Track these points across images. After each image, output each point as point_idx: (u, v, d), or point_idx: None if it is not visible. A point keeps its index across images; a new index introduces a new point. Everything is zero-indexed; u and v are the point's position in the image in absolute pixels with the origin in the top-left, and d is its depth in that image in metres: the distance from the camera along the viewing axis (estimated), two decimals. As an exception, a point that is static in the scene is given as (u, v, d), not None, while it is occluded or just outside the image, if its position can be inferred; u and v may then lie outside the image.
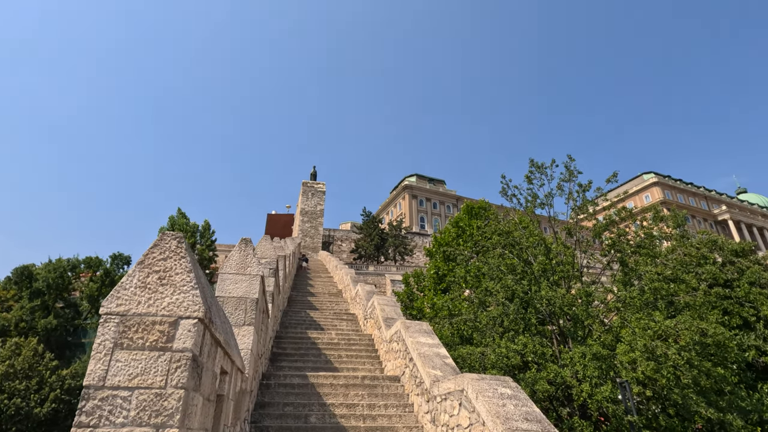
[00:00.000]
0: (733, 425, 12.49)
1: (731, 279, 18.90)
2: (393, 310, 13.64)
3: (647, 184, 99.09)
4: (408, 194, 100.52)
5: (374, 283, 64.64)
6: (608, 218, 16.08)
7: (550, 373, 13.31)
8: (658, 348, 12.27)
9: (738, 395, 14.79)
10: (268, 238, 12.48)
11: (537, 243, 16.25)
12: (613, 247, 15.51)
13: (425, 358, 8.72)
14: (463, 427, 6.27)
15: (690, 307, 14.42)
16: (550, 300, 14.48)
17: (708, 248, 19.92)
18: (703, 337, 13.38)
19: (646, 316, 13.64)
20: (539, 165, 17.00)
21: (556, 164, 16.88)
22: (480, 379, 6.40)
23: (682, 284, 15.96)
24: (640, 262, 15.17)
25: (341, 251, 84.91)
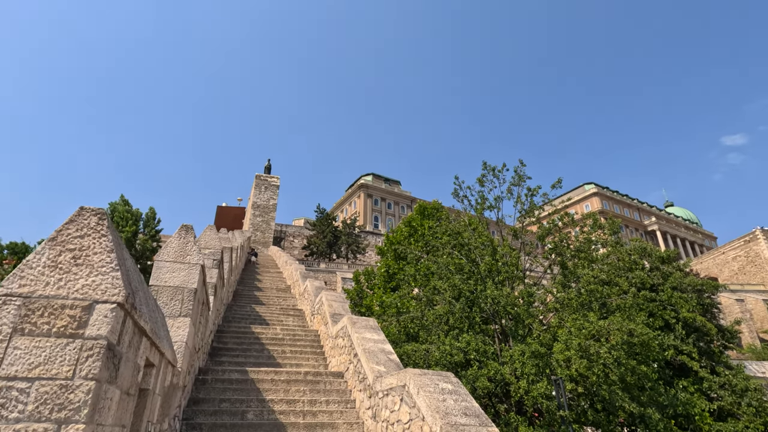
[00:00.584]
0: (652, 419, 13.32)
1: (657, 284, 20.22)
2: (341, 306, 13.45)
3: (588, 194, 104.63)
4: (363, 193, 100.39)
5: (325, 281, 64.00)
6: (552, 223, 16.70)
7: (491, 371, 13.61)
8: (591, 347, 12.84)
9: (657, 391, 15.83)
10: (213, 228, 11.91)
11: (485, 244, 16.60)
12: (555, 250, 16.12)
13: (370, 353, 8.61)
14: (403, 422, 6.21)
15: (621, 309, 15.25)
16: (494, 299, 14.82)
17: (638, 255, 21.21)
18: (630, 337, 14.17)
19: (581, 317, 14.26)
20: (492, 168, 17.39)
21: (507, 168, 17.35)
22: (422, 374, 6.36)
23: (615, 287, 16.86)
24: (579, 265, 15.87)
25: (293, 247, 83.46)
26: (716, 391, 18.53)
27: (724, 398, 18.13)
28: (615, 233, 21.73)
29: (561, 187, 16.55)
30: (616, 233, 21.86)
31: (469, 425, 5.27)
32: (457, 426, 5.18)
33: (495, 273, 16.62)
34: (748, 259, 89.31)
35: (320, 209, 73.32)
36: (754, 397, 18.18)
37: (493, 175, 17.25)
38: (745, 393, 18.23)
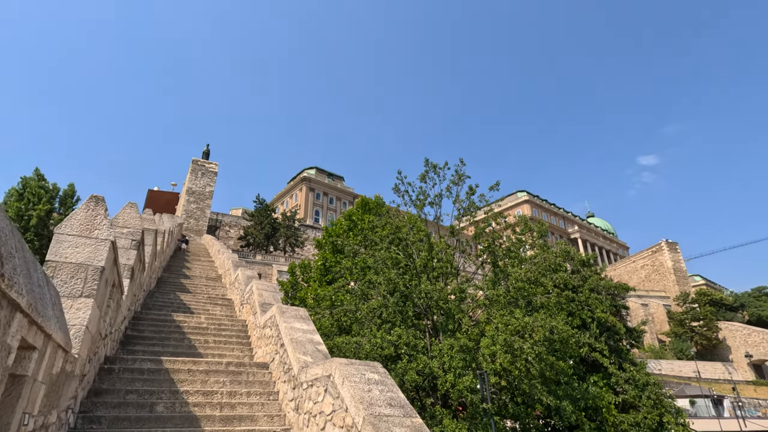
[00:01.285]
0: (566, 411, 14.01)
1: (577, 285, 21.44)
2: (272, 295, 12.85)
3: (520, 201, 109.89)
4: (306, 186, 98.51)
5: (260, 273, 62.02)
6: (486, 222, 17.11)
7: (420, 364, 13.65)
8: (515, 342, 13.24)
9: (571, 386, 16.72)
10: (134, 206, 10.86)
11: (422, 240, 16.67)
12: (488, 249, 16.52)
13: (297, 343, 8.20)
14: (326, 413, 5.89)
15: (544, 307, 15.94)
16: (428, 294, 14.89)
17: (562, 258, 22.38)
18: (551, 335, 14.83)
19: (508, 314, 14.71)
20: (434, 165, 17.49)
21: (449, 167, 17.53)
22: (349, 364, 6.08)
23: (540, 287, 17.60)
24: (509, 264, 16.37)
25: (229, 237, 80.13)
26: (622, 385, 19.98)
27: (628, 392, 19.60)
28: (542, 236, 22.78)
29: (498, 189, 17.03)
30: (543, 236, 22.92)
31: (393, 416, 5.07)
32: (381, 416, 4.95)
33: (430, 269, 16.74)
34: (654, 268, 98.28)
35: (260, 200, 70.92)
36: (652, 391, 19.80)
37: (434, 172, 17.38)
38: (645, 387, 19.82)
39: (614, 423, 18.30)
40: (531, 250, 21.96)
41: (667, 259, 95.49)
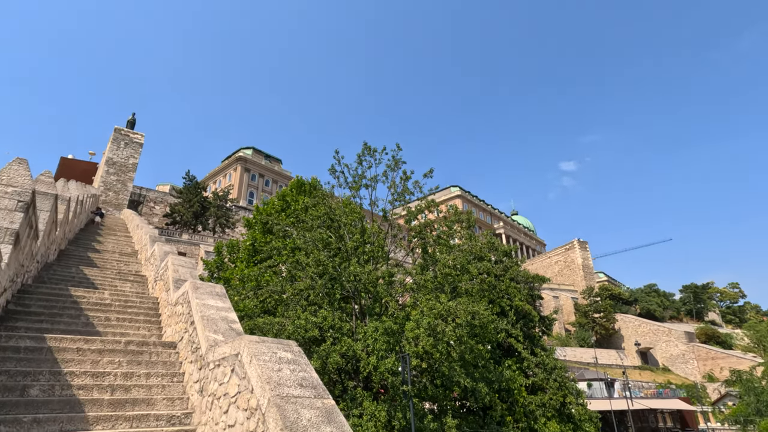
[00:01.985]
0: (481, 392, 14.35)
1: (499, 275, 22.19)
2: (188, 272, 11.76)
3: (453, 195, 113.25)
4: (241, 166, 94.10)
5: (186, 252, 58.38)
6: (419, 208, 17.01)
7: (344, 347, 13.28)
8: (438, 326, 13.27)
9: (488, 369, 17.25)
10: (25, 162, 9.30)
11: (355, 222, 16.22)
12: (419, 234, 16.45)
13: (208, 321, 7.41)
14: (231, 395, 5.27)
15: (469, 293, 16.21)
16: (357, 276, 14.50)
17: (487, 248, 23.05)
18: (473, 319, 15.12)
19: (434, 298, 14.74)
20: (372, 149, 17.04)
21: (386, 152, 17.16)
22: (260, 341, 5.48)
23: (466, 274, 17.91)
24: (438, 250, 16.43)
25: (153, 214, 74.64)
26: (533, 369, 21.07)
27: (538, 375, 20.72)
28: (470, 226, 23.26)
29: (432, 176, 16.97)
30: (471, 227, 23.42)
31: (303, 397, 4.58)
32: (289, 398, 4.44)
33: (361, 252, 16.37)
34: (566, 264, 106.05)
35: (189, 176, 66.60)
36: (558, 375, 21.10)
37: (371, 155, 16.95)
38: (553, 371, 21.07)
39: (523, 404, 19.24)
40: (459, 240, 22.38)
41: (578, 257, 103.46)
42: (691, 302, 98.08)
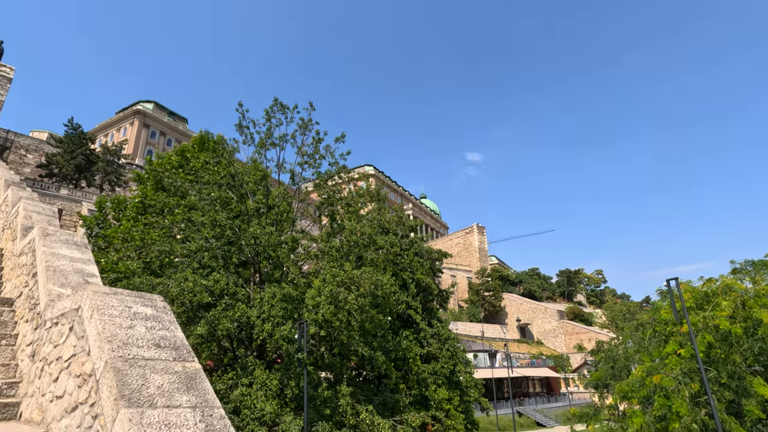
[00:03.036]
0: (378, 361, 14.23)
1: (404, 249, 22.31)
2: (45, 219, 9.67)
3: (367, 174, 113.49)
4: (139, 121, 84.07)
5: (64, 210, 50.95)
6: (329, 173, 16.11)
7: (237, 313, 12.17)
8: (341, 294, 12.72)
9: (386, 339, 17.27)
10: None
11: (260, 179, 14.84)
12: (328, 200, 15.63)
13: (57, 273, 5.95)
14: (64, 359, 4.11)
15: (374, 263, 15.89)
16: (257, 239, 13.32)
17: (395, 222, 23.03)
18: (376, 290, 14.86)
19: (338, 266, 14.14)
20: (282, 104, 15.58)
21: (298, 110, 15.83)
22: (112, 293, 4.34)
23: (372, 244, 17.56)
24: (346, 218, 15.79)
25: (25, 163, 63.88)
26: (428, 339, 21.72)
27: (432, 345, 21.42)
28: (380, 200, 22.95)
29: (344, 141, 16.10)
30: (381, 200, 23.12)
31: (157, 359, 3.62)
32: (136, 360, 3.46)
33: (264, 214, 15.13)
34: (465, 246, 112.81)
35: (73, 125, 57.85)
36: (451, 345, 22.03)
37: (282, 112, 15.53)
38: (446, 341, 21.93)
39: (417, 372, 19.77)
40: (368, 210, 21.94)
41: (476, 240, 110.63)
42: (564, 285, 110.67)
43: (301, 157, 15.68)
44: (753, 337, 11.02)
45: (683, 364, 10.96)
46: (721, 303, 11.69)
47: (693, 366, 10.79)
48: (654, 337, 14.10)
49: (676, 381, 10.46)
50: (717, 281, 13.84)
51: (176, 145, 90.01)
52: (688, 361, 11.01)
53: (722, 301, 11.83)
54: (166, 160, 22.60)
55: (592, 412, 15.56)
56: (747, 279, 13.27)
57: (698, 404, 10.56)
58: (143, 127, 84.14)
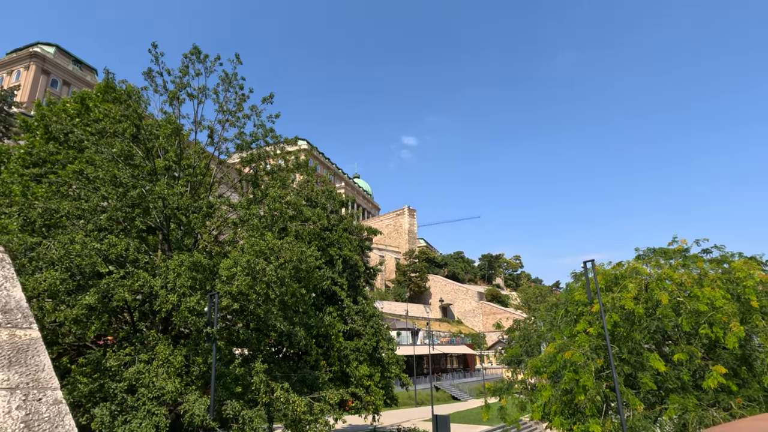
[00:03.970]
0: (298, 336, 13.56)
1: (333, 224, 21.61)
2: None
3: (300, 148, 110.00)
4: (36, 66, 73.50)
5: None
6: (254, 136, 14.76)
7: (138, 281, 10.77)
8: (259, 264, 11.77)
9: (309, 314, 16.61)
10: None
11: (171, 134, 13.18)
12: (250, 163, 14.36)
13: None
14: None
15: (299, 236, 15.01)
16: (165, 200, 11.84)
17: (325, 196, 22.17)
18: (300, 263, 14.05)
19: (259, 236, 13.11)
20: (200, 52, 13.79)
21: (220, 61, 14.15)
22: None
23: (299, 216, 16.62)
24: (271, 185, 14.66)
25: None
26: (352, 316, 21.43)
27: (357, 322, 21.17)
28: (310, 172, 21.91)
29: (272, 102, 14.80)
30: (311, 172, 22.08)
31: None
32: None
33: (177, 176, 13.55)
34: (395, 228, 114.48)
35: (-52, 60, 48.86)
36: (375, 322, 21.96)
37: (201, 61, 13.82)
38: (371, 318, 21.81)
39: (339, 348, 19.41)
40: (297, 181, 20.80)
41: (406, 222, 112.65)
42: (486, 269, 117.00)
43: (222, 115, 14.14)
44: (651, 317, 11.91)
45: (591, 341, 11.58)
46: (628, 285, 12.48)
47: (600, 343, 11.43)
48: (565, 316, 14.89)
49: (584, 357, 11.01)
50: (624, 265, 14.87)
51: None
52: (596, 338, 11.66)
53: (629, 283, 12.65)
54: (60, 107, 19.57)
55: (505, 387, 16.23)
56: (651, 264, 14.35)
57: (601, 378, 11.25)
58: (42, 73, 73.79)
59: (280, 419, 14.28)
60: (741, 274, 11.90)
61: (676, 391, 10.62)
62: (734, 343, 10.13)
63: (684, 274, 12.52)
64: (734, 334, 10.07)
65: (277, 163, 15.43)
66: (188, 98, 13.58)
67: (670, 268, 13.16)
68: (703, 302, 10.85)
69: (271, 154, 15.13)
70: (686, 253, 14.78)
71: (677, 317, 11.13)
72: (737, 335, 10.00)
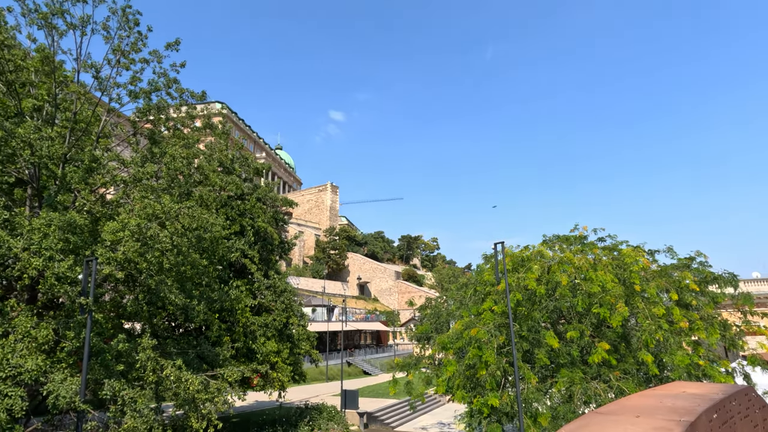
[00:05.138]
0: (195, 310, 12.46)
1: (247, 193, 20.22)
2: None
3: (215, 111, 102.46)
4: None
5: None
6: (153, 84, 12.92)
7: (-9, 242, 8.97)
8: (151, 229, 10.44)
9: (212, 287, 15.42)
10: None
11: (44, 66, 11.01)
12: (147, 115, 12.62)
13: None
14: None
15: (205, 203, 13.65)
16: (32, 146, 9.93)
17: (239, 162, 20.60)
18: (205, 232, 12.82)
19: (154, 198, 11.64)
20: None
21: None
22: None
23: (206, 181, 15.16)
24: (173, 143, 13.07)
25: None
26: (262, 291, 20.42)
27: (267, 297, 20.21)
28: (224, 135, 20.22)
29: (178, 49, 13.01)
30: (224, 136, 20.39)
31: None
32: None
33: (51, 121, 11.48)
34: (317, 204, 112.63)
35: None
36: (287, 297, 21.17)
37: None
38: (282, 293, 20.97)
39: (245, 324, 18.42)
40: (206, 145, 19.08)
41: (328, 198, 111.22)
42: (404, 249, 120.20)
43: (113, 55, 12.12)
44: (551, 297, 12.69)
45: (496, 319, 12.03)
46: (533, 267, 13.14)
47: (503, 321, 11.91)
48: (474, 295, 15.45)
49: (488, 334, 11.39)
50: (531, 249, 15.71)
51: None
52: (500, 316, 12.15)
53: (534, 265, 13.33)
54: None
55: (413, 362, 16.58)
56: (555, 249, 15.27)
57: (502, 354, 11.77)
58: None
59: (171, 399, 13.16)
60: (629, 260, 13.06)
61: (566, 365, 11.42)
62: (618, 323, 11.09)
63: (582, 258, 13.47)
64: (619, 314, 11.01)
65: (180, 119, 13.74)
66: (69, 29, 11.35)
67: (571, 253, 14.10)
68: (596, 285, 11.72)
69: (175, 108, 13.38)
70: (585, 240, 16.00)
71: (573, 298, 11.92)
72: (622, 315, 10.94)
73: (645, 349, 10.79)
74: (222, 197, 16.24)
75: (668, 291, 12.53)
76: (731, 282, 13.04)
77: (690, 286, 12.46)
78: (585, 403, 10.62)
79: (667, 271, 13.56)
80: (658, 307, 11.48)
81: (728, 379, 10.85)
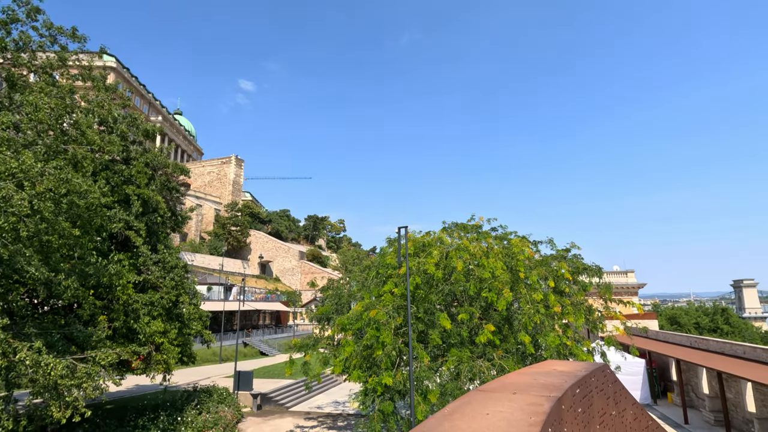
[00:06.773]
0: (61, 286, 10.93)
1: (132, 157, 18.11)
2: None
3: (105, 65, 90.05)
4: None
5: None
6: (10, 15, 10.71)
7: None
8: (4, 189, 8.80)
9: (87, 261, 13.65)
10: None
11: None
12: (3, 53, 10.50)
13: None
14: None
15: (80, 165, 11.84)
16: None
17: (127, 123, 18.30)
18: (79, 197, 11.18)
19: (11, 153, 9.82)
20: None
21: None
22: None
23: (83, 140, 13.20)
24: (36, 90, 11.08)
25: None
26: (150, 266, 18.60)
27: (154, 273, 18.45)
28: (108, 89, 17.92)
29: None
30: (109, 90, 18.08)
31: None
32: None
33: None
34: (218, 177, 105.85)
35: None
36: (177, 274, 19.57)
37: None
38: (172, 270, 19.31)
39: (127, 302, 16.67)
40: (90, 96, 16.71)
41: (232, 172, 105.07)
42: (310, 229, 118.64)
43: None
44: (447, 282, 13.41)
45: (395, 301, 12.39)
46: (433, 252, 13.72)
47: (402, 303, 12.31)
48: (376, 278, 15.75)
49: (387, 315, 11.69)
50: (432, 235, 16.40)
51: None
52: (399, 298, 12.53)
53: (434, 250, 13.93)
54: None
55: (312, 343, 16.47)
56: (453, 236, 16.09)
57: (398, 334, 12.20)
58: None
59: (27, 386, 11.48)
60: (516, 249, 14.27)
61: (456, 345, 12.20)
62: (503, 306, 12.10)
63: (476, 246, 14.41)
64: (504, 299, 12.01)
65: (50, 61, 11.68)
66: None
67: (467, 241, 15.01)
68: (488, 271, 12.62)
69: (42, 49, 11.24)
70: (480, 229, 17.13)
71: (467, 282, 12.72)
72: (507, 300, 11.94)
73: (524, 331, 11.93)
74: (103, 159, 14.31)
75: (547, 279, 13.97)
76: (597, 273, 14.98)
77: (565, 275, 14.01)
78: (470, 380, 11.47)
79: (547, 261, 15.09)
80: (538, 293, 12.74)
81: (589, 357, 12.48)
